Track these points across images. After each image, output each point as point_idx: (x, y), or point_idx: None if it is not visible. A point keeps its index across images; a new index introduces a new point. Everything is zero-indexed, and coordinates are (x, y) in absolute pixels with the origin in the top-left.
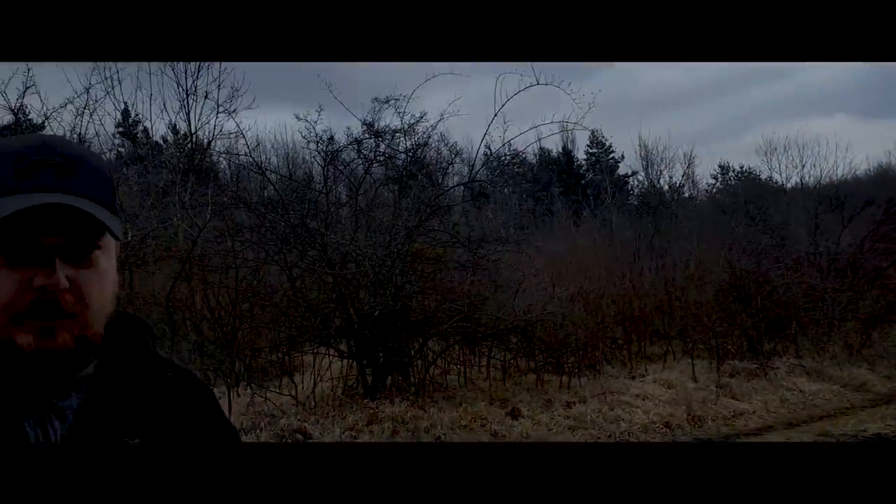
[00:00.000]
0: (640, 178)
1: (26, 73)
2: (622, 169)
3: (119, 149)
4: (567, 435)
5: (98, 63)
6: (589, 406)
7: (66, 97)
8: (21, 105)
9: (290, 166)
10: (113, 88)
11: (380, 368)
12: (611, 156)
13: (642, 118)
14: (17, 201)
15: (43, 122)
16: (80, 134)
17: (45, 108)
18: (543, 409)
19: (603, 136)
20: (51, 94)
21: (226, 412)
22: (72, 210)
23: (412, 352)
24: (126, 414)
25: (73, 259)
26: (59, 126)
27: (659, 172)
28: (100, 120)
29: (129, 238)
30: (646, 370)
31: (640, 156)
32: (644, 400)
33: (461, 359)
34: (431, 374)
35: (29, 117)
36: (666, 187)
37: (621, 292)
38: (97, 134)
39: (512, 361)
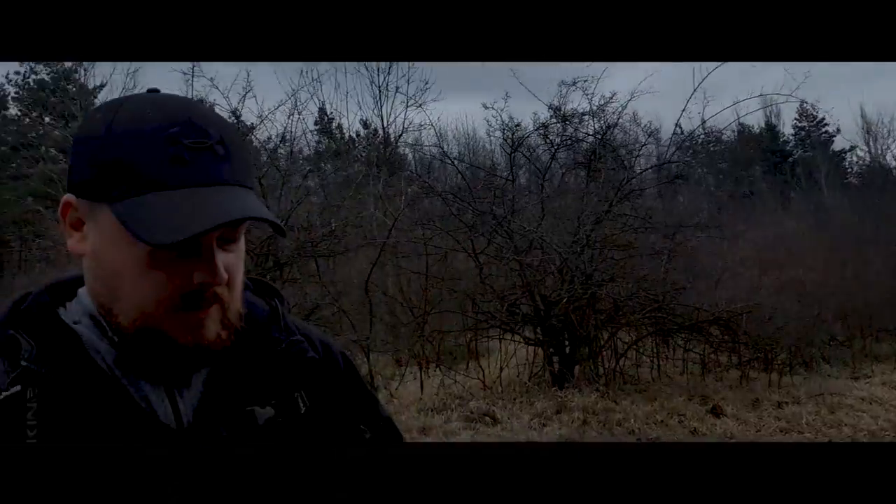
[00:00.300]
0: (861, 153)
1: (246, 78)
2: (837, 143)
3: (318, 145)
4: (778, 437)
5: (305, 65)
6: (804, 408)
7: (278, 100)
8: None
9: (472, 154)
10: (315, 90)
11: (567, 357)
12: (824, 129)
13: (864, 86)
14: (184, 214)
15: (256, 124)
16: (290, 133)
17: (259, 109)
18: (750, 408)
19: (814, 108)
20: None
21: (418, 391)
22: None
23: (601, 342)
24: (256, 383)
25: (224, 246)
26: (273, 126)
27: (885, 147)
28: (304, 119)
29: (333, 227)
30: (872, 371)
31: (862, 129)
32: (871, 404)
33: (654, 351)
34: (622, 365)
35: (241, 119)
36: (894, 163)
37: (841, 283)
38: (304, 132)
39: (712, 356)
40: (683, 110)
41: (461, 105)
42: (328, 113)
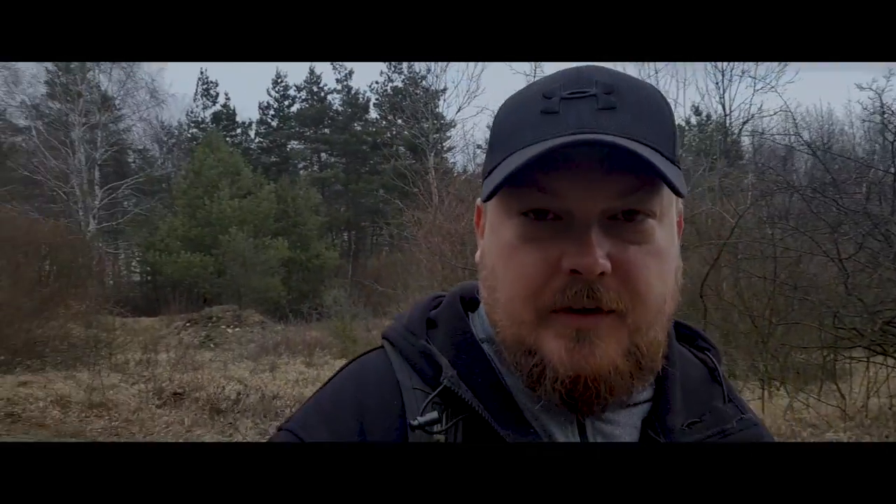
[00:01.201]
0: None
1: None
2: None
3: None
4: None
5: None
6: None
7: None
8: None
9: (826, 141)
10: (649, 77)
11: None
12: None
13: None
14: (530, 152)
15: None
16: None
17: None
18: None
19: None
20: None
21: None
22: (611, 154)
23: None
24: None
25: (614, 230)
26: None
27: None
28: None
29: None
30: None
31: None
32: None
33: None
34: None
35: None
36: None
37: None
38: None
39: None
40: None
41: (816, 83)
42: None
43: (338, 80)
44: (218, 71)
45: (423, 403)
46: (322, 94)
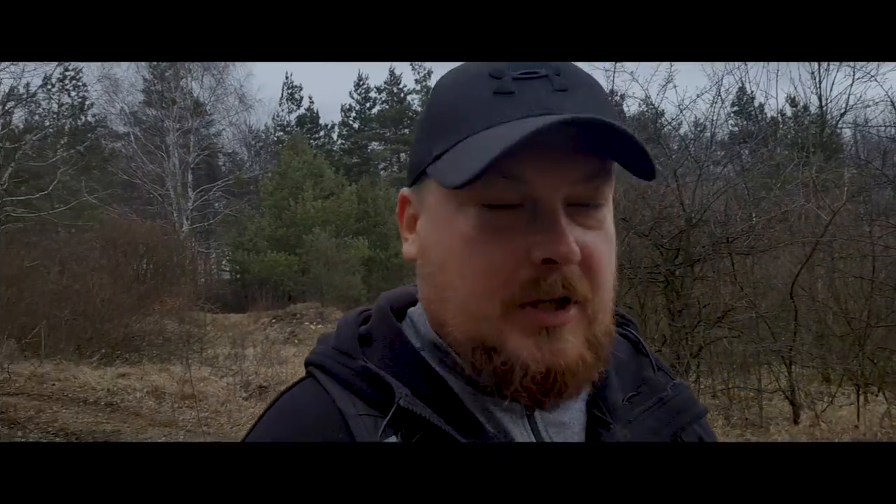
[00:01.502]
0: None
1: (668, 69)
2: None
3: (732, 127)
4: None
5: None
6: None
7: (700, 88)
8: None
9: None
10: (742, 73)
11: None
12: None
13: None
14: (501, 134)
15: (676, 115)
16: (709, 118)
17: (680, 98)
18: None
19: None
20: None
21: (853, 418)
22: (583, 136)
23: None
24: (645, 439)
25: (576, 217)
26: (691, 114)
27: None
28: (722, 102)
29: (754, 221)
30: None
31: None
32: None
33: None
34: None
35: (661, 109)
36: None
37: None
38: (725, 117)
39: None
40: None
41: None
42: (748, 92)
43: (417, 81)
44: (302, 74)
45: (373, 430)
46: (402, 94)
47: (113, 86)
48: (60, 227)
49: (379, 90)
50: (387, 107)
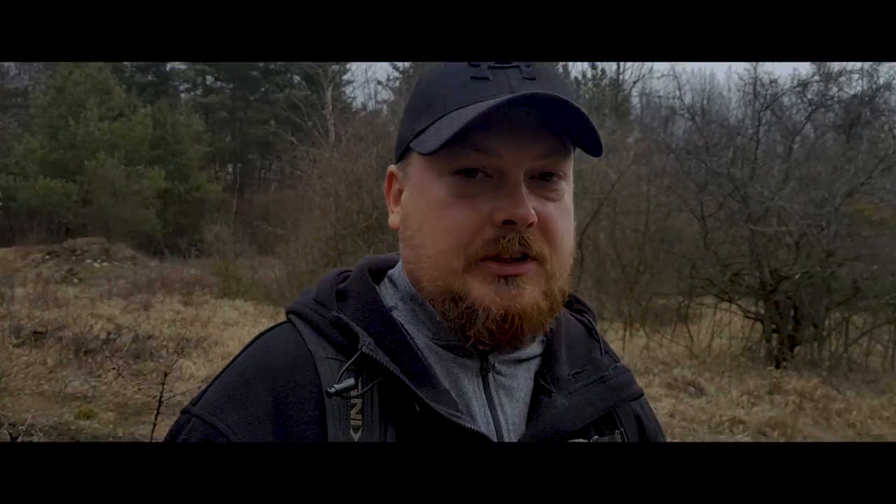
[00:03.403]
0: None
1: None
2: None
3: None
4: None
5: None
6: None
7: None
8: None
9: (706, 102)
10: None
11: (789, 336)
12: None
13: None
14: (473, 110)
15: None
16: None
17: None
18: None
19: None
20: None
21: (620, 351)
22: (548, 113)
23: (831, 324)
24: (583, 411)
25: (536, 188)
26: None
27: None
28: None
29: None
30: None
31: None
32: None
33: (891, 342)
34: (850, 352)
35: None
36: None
37: None
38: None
39: None
40: None
41: None
42: None
43: None
44: None
45: (338, 372)
46: None
47: None
48: None
49: None
50: None
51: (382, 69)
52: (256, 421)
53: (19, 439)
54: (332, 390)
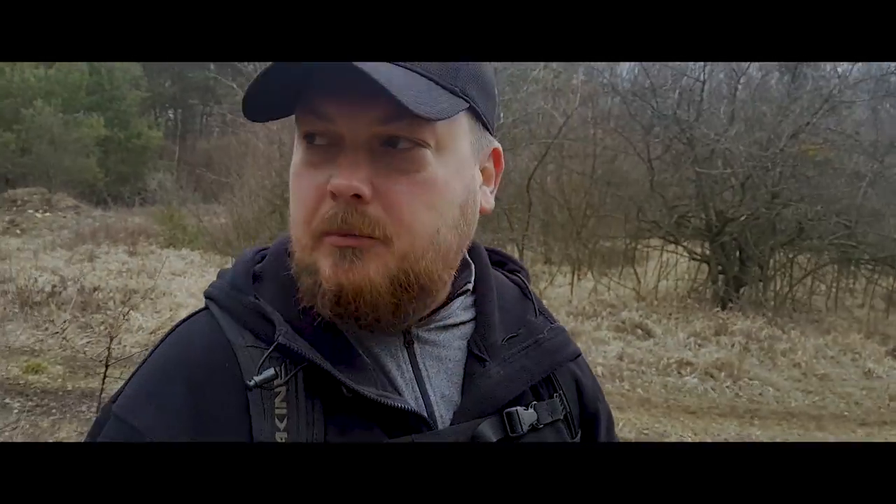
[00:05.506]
0: None
1: None
2: None
3: None
4: None
5: None
6: None
7: None
8: None
9: None
10: None
11: (735, 277)
12: None
13: None
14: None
15: None
16: None
17: None
18: None
19: None
20: None
21: (568, 294)
22: (363, 84)
23: (776, 264)
24: (516, 377)
25: (385, 158)
26: None
27: None
28: None
29: (501, 121)
30: None
31: None
32: None
33: (835, 281)
34: (794, 292)
35: None
36: None
37: None
38: None
39: None
40: None
41: None
42: None
43: None
44: None
45: (258, 361)
46: None
47: None
48: None
49: None
50: None
51: None
52: (173, 417)
53: None
54: (252, 383)
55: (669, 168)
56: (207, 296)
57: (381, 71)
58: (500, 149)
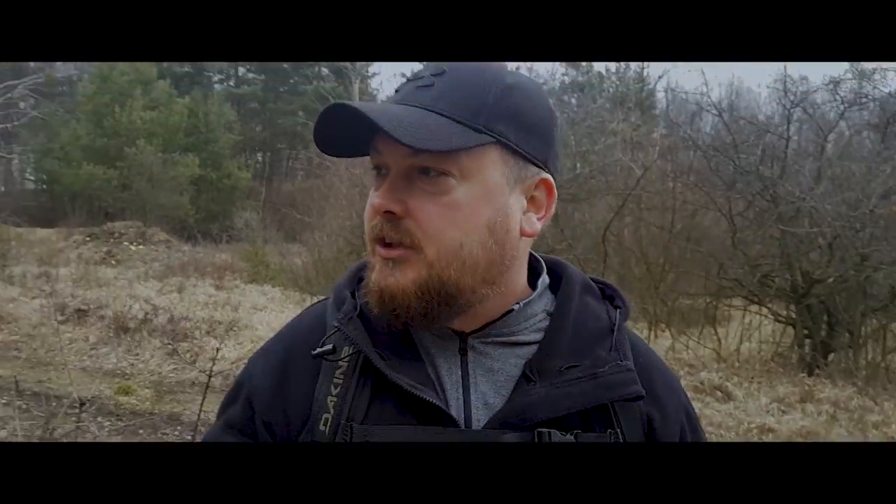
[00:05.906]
0: None
1: None
2: None
3: (563, 77)
4: None
5: None
6: None
7: None
8: None
9: (733, 97)
10: None
11: (822, 342)
12: None
13: None
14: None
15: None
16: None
17: None
18: None
19: None
20: None
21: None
22: (369, 122)
23: (867, 330)
24: (562, 399)
25: (418, 184)
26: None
27: None
28: None
29: (578, 172)
30: None
31: None
32: None
33: None
34: (888, 361)
35: None
36: None
37: None
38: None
39: None
40: None
41: None
42: None
43: None
44: None
45: (335, 339)
46: None
47: None
48: None
49: None
50: None
51: (408, 62)
52: (270, 369)
53: (69, 412)
54: (314, 352)
55: (752, 225)
56: (331, 288)
57: (394, 113)
58: (552, 180)
